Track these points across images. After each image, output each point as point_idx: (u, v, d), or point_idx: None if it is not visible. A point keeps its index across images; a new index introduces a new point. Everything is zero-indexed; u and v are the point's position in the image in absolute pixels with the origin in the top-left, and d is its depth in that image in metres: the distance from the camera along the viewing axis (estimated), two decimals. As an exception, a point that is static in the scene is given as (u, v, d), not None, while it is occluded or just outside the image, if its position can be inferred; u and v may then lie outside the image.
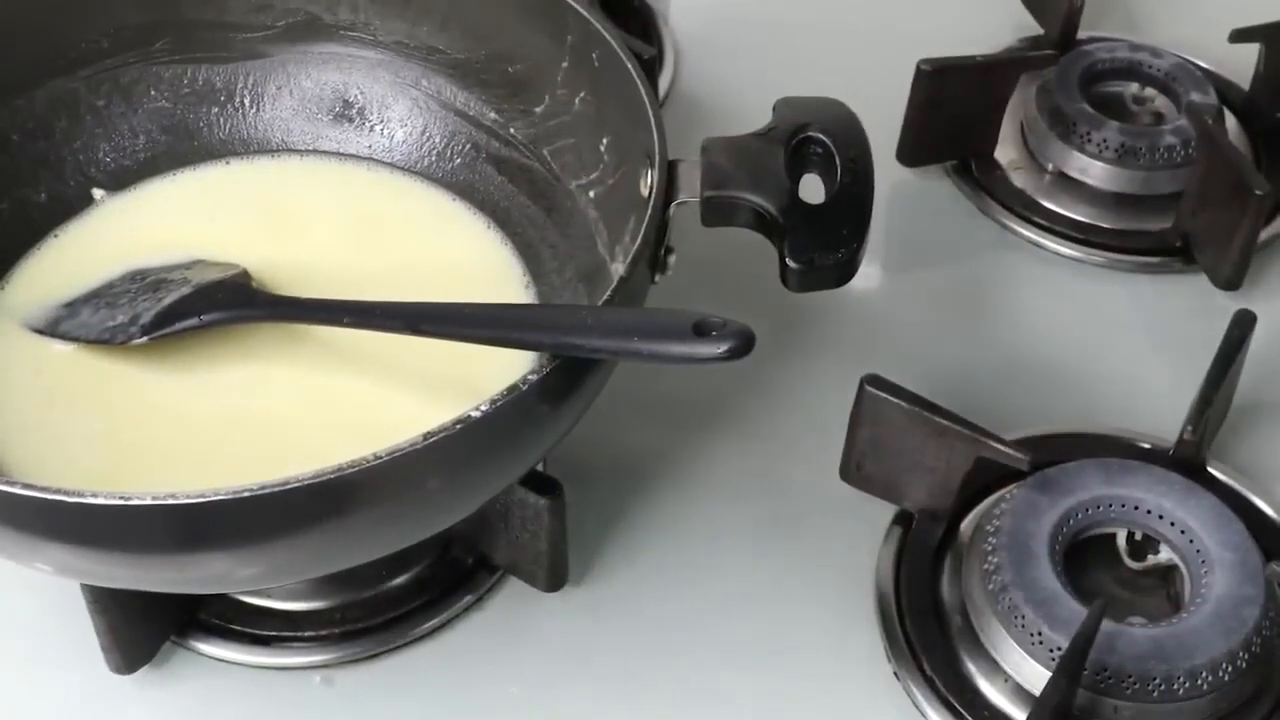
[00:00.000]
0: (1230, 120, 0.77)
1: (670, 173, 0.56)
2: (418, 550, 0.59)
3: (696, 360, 0.48)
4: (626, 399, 0.62)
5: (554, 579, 0.60)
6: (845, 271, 0.55)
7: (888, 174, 0.70)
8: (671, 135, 0.56)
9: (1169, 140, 0.74)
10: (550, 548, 0.58)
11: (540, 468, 0.58)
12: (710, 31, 0.85)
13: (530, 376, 0.49)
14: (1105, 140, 0.74)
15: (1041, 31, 0.81)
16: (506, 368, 0.53)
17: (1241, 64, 0.79)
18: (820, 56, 0.82)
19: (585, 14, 0.60)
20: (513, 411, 0.49)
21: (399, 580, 0.60)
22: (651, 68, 0.72)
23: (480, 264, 0.64)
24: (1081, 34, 0.80)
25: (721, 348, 0.47)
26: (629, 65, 0.59)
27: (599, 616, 0.60)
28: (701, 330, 0.48)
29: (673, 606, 0.61)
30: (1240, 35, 0.78)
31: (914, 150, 0.75)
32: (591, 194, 0.62)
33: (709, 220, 0.56)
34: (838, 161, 0.56)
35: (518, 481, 0.56)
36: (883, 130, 0.74)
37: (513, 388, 0.49)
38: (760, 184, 0.55)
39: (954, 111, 0.74)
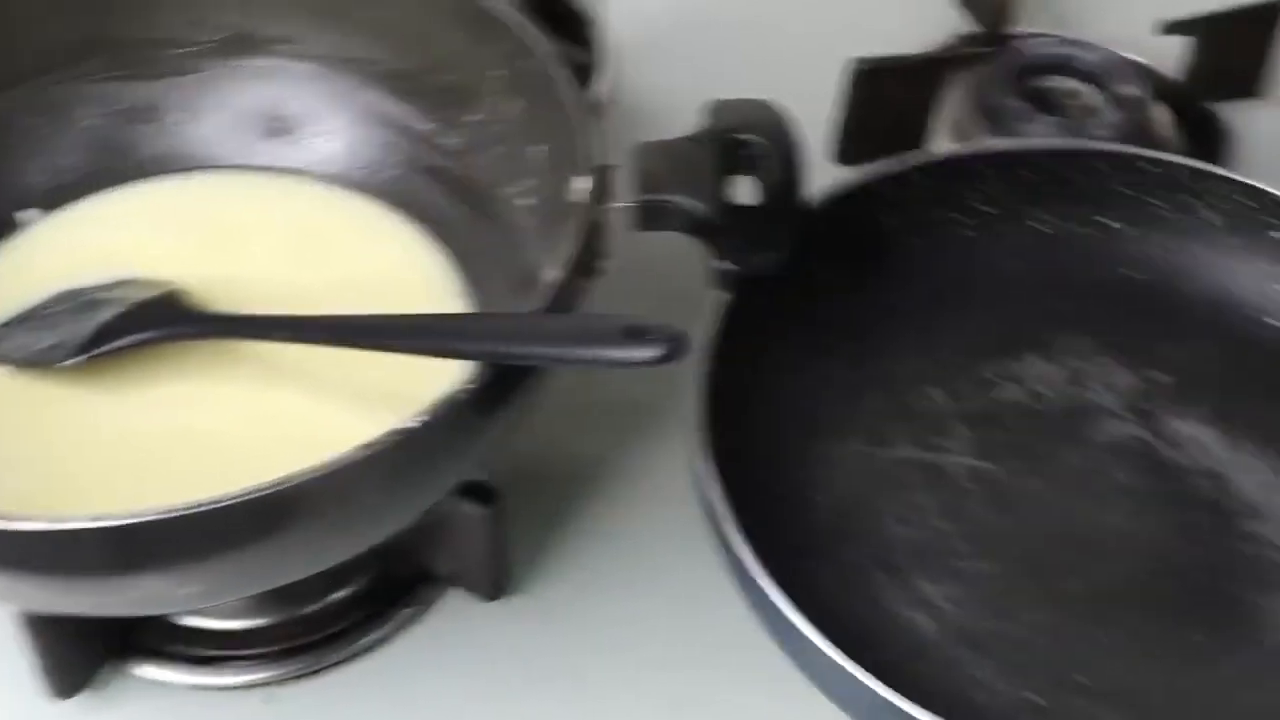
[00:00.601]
0: (1162, 112, 0.78)
1: (602, 178, 0.56)
2: (358, 564, 0.58)
3: (630, 364, 0.48)
4: (568, 404, 0.61)
5: (496, 587, 0.60)
6: (778, 272, 0.55)
7: (823, 173, 0.70)
8: (614, 140, 0.57)
9: (1101, 132, 0.74)
10: (491, 556, 0.58)
11: (483, 476, 0.58)
12: (651, 36, 0.85)
13: (466, 386, 0.49)
14: (1039, 135, 0.74)
15: (973, 29, 0.82)
16: (446, 377, 0.53)
17: (1172, 56, 0.79)
18: (760, 57, 0.82)
19: (516, 23, 0.60)
20: (448, 422, 0.49)
21: (339, 595, 0.60)
22: (587, 74, 0.72)
23: (417, 274, 0.64)
24: (1013, 30, 0.80)
25: (654, 351, 0.48)
26: (561, 73, 0.59)
27: (544, 623, 0.60)
28: (634, 334, 0.48)
29: (618, 610, 0.61)
30: (1170, 28, 0.78)
31: (849, 149, 0.75)
32: (527, 201, 0.62)
33: (642, 224, 0.56)
34: (769, 162, 0.56)
35: (456, 491, 0.56)
36: (820, 129, 0.75)
37: (447, 398, 0.49)
38: (692, 187, 0.55)
39: (888, 110, 0.74)
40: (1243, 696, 0.56)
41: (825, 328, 0.64)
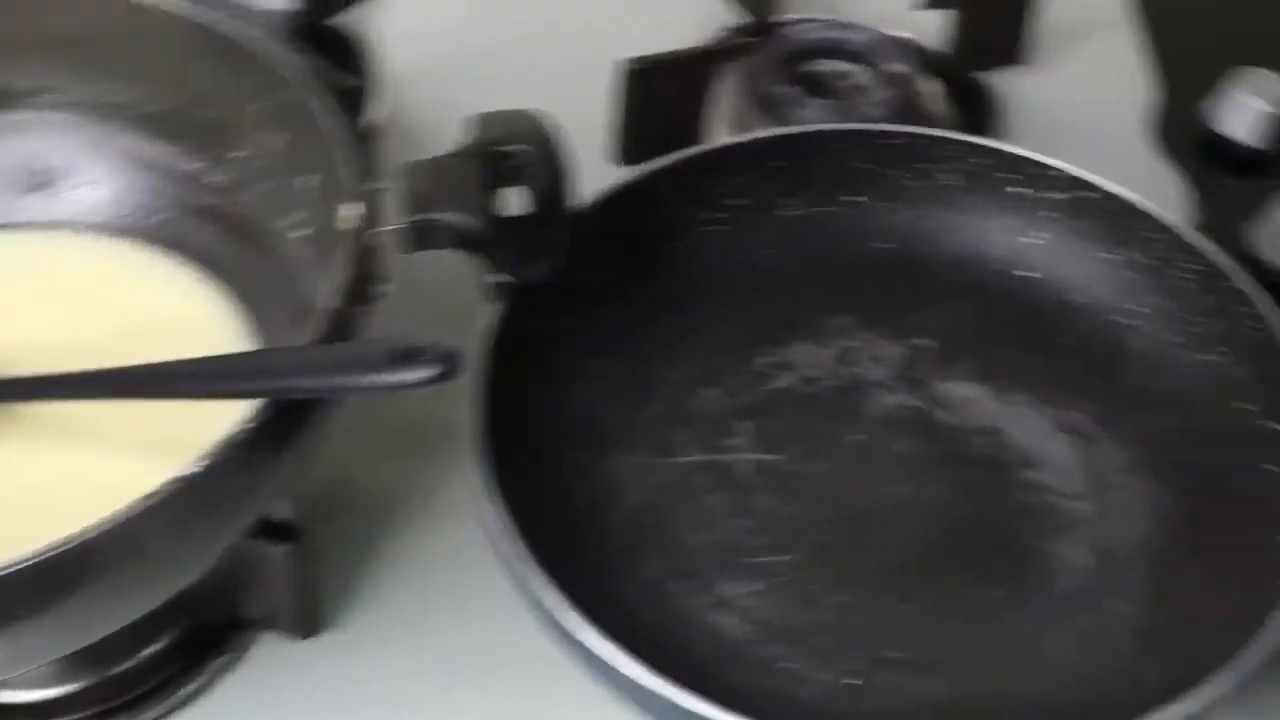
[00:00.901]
0: (931, 85, 0.80)
1: (370, 203, 0.55)
2: (165, 616, 0.57)
3: (405, 387, 0.48)
4: (369, 429, 0.62)
5: (308, 626, 0.59)
6: (553, 280, 0.55)
7: (607, 176, 0.70)
8: (392, 163, 0.56)
9: (874, 111, 0.76)
10: (299, 595, 0.58)
11: (285, 513, 0.58)
12: (428, 56, 0.84)
13: (244, 426, 0.48)
14: (812, 119, 0.75)
15: (742, 19, 0.82)
16: (234, 418, 0.52)
17: (936, 30, 0.81)
18: (538, 67, 0.82)
19: (270, 54, 0.60)
20: (231, 463, 0.48)
21: (150, 650, 0.59)
22: (358, 98, 0.72)
23: (198, 318, 0.62)
24: (782, 17, 0.81)
25: (428, 372, 0.48)
26: (321, 101, 0.58)
27: (360, 657, 0.60)
28: (407, 356, 0.48)
29: (434, 637, 0.61)
30: (932, 2, 0.80)
31: (629, 150, 0.76)
32: (302, 233, 0.61)
33: (414, 245, 0.55)
34: (536, 171, 0.56)
35: (256, 532, 0.55)
36: (600, 132, 0.75)
37: (226, 439, 0.48)
38: (461, 202, 0.55)
39: (663, 107, 0.75)
40: (1044, 643, 0.58)
41: (598, 336, 0.64)
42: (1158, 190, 0.79)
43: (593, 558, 0.58)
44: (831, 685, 0.56)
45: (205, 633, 0.60)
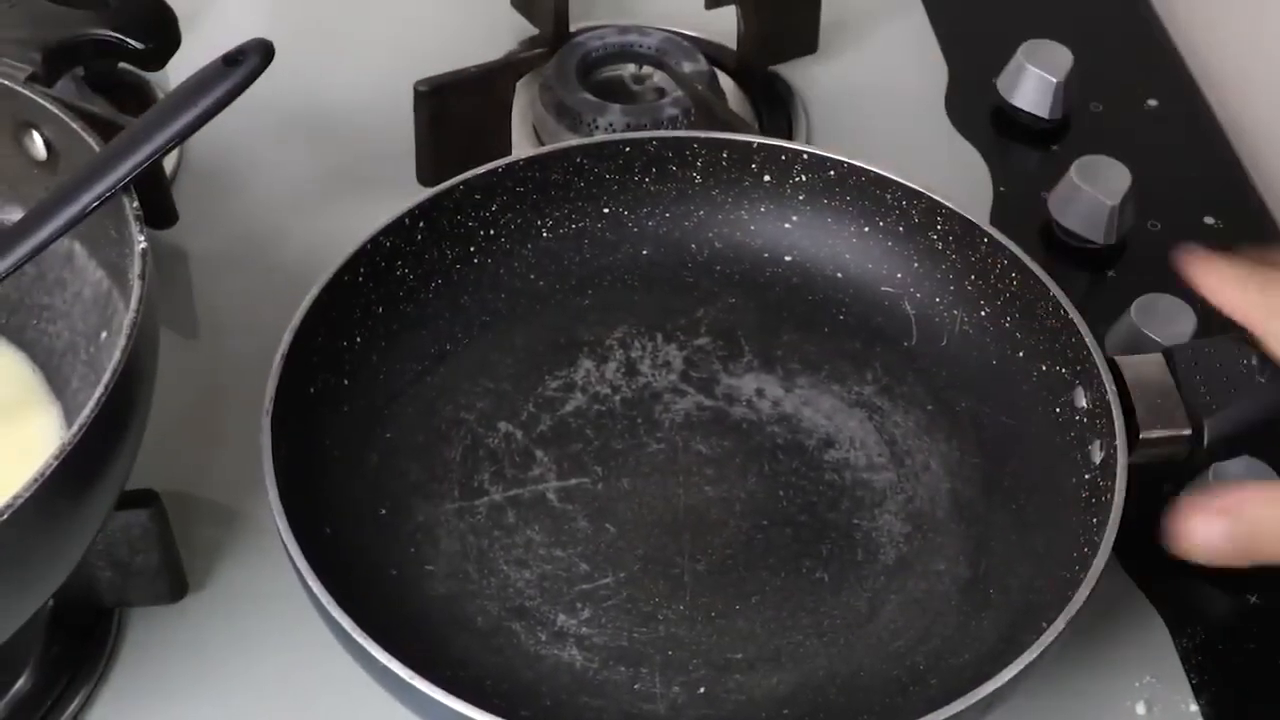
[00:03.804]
0: (727, 82, 0.81)
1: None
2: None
3: (247, 82, 0.55)
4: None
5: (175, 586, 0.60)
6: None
7: (415, 195, 0.69)
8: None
9: (670, 112, 0.76)
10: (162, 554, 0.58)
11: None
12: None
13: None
14: (611, 124, 0.76)
15: (536, 31, 0.82)
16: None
17: (726, 27, 0.82)
18: (334, 93, 0.82)
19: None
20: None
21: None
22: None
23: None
24: (574, 26, 0.82)
25: (254, 62, 0.54)
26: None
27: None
28: (233, 60, 0.54)
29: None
30: (715, 1, 0.81)
31: (433, 169, 0.75)
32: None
33: None
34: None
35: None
36: (406, 154, 0.75)
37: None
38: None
39: (462, 125, 0.75)
40: (879, 617, 0.59)
41: (385, 388, 0.63)
42: (959, 167, 0.80)
43: (421, 613, 0.58)
44: (681, 696, 0.56)
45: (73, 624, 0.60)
